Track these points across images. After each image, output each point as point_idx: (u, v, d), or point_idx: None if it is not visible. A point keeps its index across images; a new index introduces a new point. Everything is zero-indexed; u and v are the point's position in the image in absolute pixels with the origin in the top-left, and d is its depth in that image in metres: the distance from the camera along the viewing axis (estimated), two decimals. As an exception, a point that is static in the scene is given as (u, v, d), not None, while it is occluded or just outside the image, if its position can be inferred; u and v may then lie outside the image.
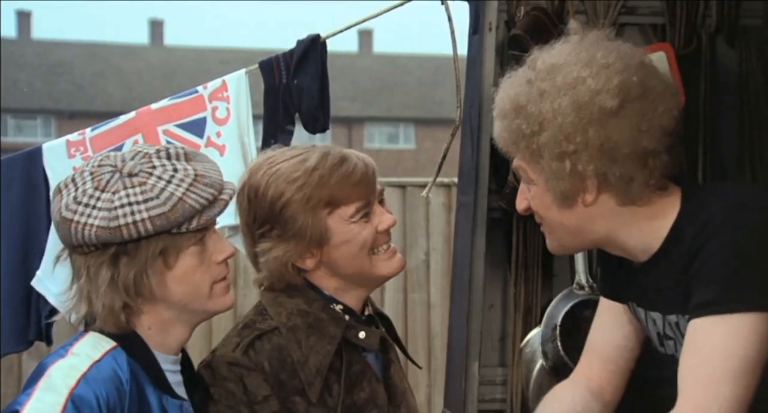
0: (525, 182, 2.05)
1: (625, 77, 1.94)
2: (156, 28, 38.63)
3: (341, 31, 3.31)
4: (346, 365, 2.08)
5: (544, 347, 3.09)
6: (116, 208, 1.82)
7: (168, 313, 1.92)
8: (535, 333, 3.16)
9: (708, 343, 1.87)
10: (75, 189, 1.86)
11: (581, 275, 3.09)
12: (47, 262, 3.05)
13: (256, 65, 3.25)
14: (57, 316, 2.01)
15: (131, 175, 1.85)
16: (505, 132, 2.01)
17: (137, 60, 32.92)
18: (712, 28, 3.26)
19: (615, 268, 2.18)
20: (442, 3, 3.17)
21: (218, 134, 3.20)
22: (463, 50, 3.27)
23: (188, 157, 1.91)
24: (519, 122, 1.97)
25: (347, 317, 2.11)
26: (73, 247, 1.86)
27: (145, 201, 1.82)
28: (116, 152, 1.94)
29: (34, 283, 3.14)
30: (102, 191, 1.84)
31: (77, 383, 1.79)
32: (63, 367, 1.82)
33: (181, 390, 1.96)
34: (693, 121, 3.23)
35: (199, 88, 3.26)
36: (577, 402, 2.17)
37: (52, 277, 2.85)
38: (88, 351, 1.86)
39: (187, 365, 2.03)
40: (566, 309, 3.06)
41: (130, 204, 1.82)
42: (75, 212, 1.83)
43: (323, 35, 3.23)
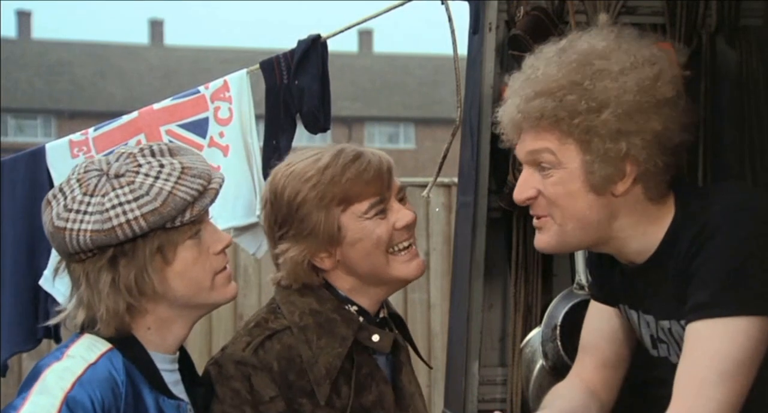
0: (544, 168, 1.97)
1: (676, 71, 1.98)
2: (156, 27, 38.64)
3: (341, 31, 3.31)
4: (356, 367, 2.06)
5: (545, 347, 3.08)
6: (107, 210, 1.81)
7: (170, 311, 1.91)
8: (536, 333, 3.16)
9: (702, 346, 1.88)
10: (64, 198, 1.85)
11: (581, 275, 3.08)
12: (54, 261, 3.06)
13: (257, 65, 3.24)
14: (53, 320, 2.00)
15: (118, 176, 1.84)
16: (551, 110, 1.92)
17: (137, 60, 32.92)
18: (712, 27, 3.26)
19: (606, 271, 2.17)
20: (442, 3, 3.17)
21: (221, 135, 3.20)
22: (463, 50, 3.27)
23: (173, 152, 1.90)
24: (573, 98, 1.91)
25: (361, 318, 2.08)
26: (70, 255, 1.85)
27: (136, 199, 1.82)
28: (100, 157, 1.93)
29: (42, 283, 3.15)
30: (91, 196, 1.83)
31: (72, 386, 1.78)
32: (58, 370, 1.82)
33: (179, 389, 1.95)
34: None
35: (201, 88, 3.25)
36: (579, 400, 2.18)
37: (61, 278, 2.85)
38: (84, 353, 1.85)
39: (186, 362, 2.02)
40: (566, 309, 3.06)
41: (121, 204, 1.81)
42: (67, 219, 1.82)
43: (324, 35, 3.23)
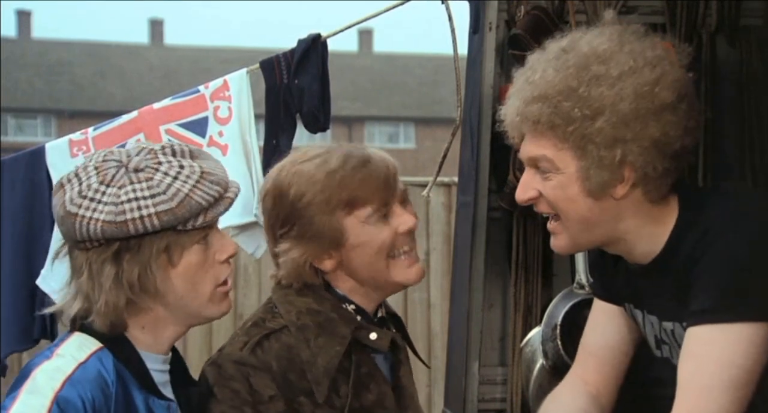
0: (543, 171, 1.97)
1: (679, 73, 1.93)
2: (156, 27, 38.64)
3: (341, 30, 3.31)
4: (355, 366, 2.05)
5: (545, 346, 3.08)
6: (123, 203, 1.80)
7: (166, 312, 1.90)
8: (536, 333, 3.16)
9: (705, 352, 1.87)
10: (79, 184, 1.83)
11: (581, 274, 3.08)
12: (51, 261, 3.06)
13: (257, 65, 3.24)
14: (48, 310, 1.99)
15: (137, 170, 1.83)
16: (547, 116, 1.91)
17: (137, 59, 32.92)
18: (713, 27, 3.26)
19: (610, 269, 2.16)
20: (443, 2, 3.17)
21: (220, 134, 3.20)
22: (464, 50, 3.27)
23: (193, 155, 1.89)
24: (568, 105, 1.89)
25: (359, 318, 2.08)
26: (76, 242, 1.84)
27: (153, 197, 1.80)
28: (119, 149, 1.91)
29: (39, 282, 3.14)
30: (108, 186, 1.81)
31: (62, 385, 1.77)
32: (48, 370, 1.81)
33: (168, 390, 1.94)
34: (693, 120, 3.23)
35: (201, 87, 3.25)
36: (577, 404, 2.17)
37: (57, 275, 2.85)
38: (74, 353, 1.84)
39: (177, 363, 2.01)
40: (566, 309, 3.05)
41: (137, 199, 1.80)
42: (80, 206, 1.80)
43: (324, 35, 3.23)
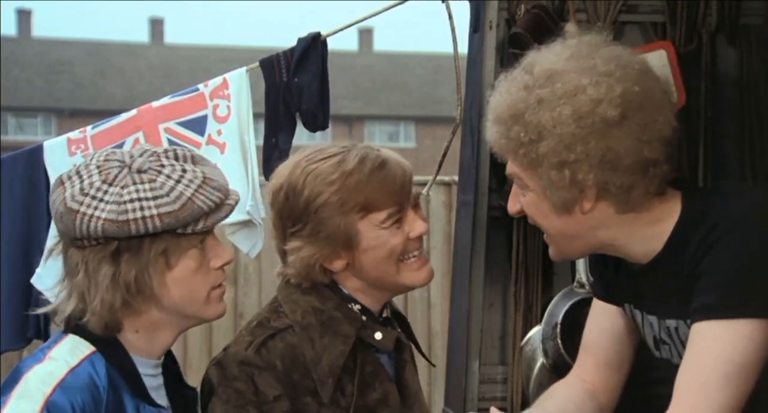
0: (519, 187, 2.01)
1: (627, 87, 1.89)
2: (156, 26, 38.65)
3: (341, 29, 3.30)
4: (360, 365, 2.05)
5: (545, 345, 3.08)
6: (125, 202, 1.79)
7: (161, 315, 1.89)
8: (536, 332, 3.16)
9: (706, 347, 1.87)
10: (80, 181, 1.82)
11: (582, 273, 3.08)
12: (45, 258, 3.04)
13: (257, 63, 3.24)
14: (42, 309, 1.98)
15: (140, 171, 1.83)
16: (503, 139, 1.96)
17: (137, 58, 32.92)
18: (713, 26, 3.26)
19: (610, 270, 2.16)
20: (443, 1, 3.17)
21: (219, 132, 3.20)
22: (464, 49, 3.27)
23: (195, 160, 1.89)
24: (517, 129, 1.92)
25: (364, 318, 2.08)
26: (73, 239, 1.83)
27: (155, 198, 1.80)
28: (122, 149, 1.91)
29: (34, 280, 3.13)
30: (110, 185, 1.81)
31: (53, 390, 1.77)
32: (39, 373, 1.80)
33: (160, 394, 1.93)
34: (693, 120, 3.23)
35: (200, 86, 3.25)
36: (572, 401, 2.16)
37: (52, 275, 2.85)
38: (66, 356, 1.83)
39: (172, 366, 2.00)
40: (567, 307, 3.06)
41: (140, 200, 1.80)
42: (81, 203, 1.80)
43: (324, 33, 3.23)
